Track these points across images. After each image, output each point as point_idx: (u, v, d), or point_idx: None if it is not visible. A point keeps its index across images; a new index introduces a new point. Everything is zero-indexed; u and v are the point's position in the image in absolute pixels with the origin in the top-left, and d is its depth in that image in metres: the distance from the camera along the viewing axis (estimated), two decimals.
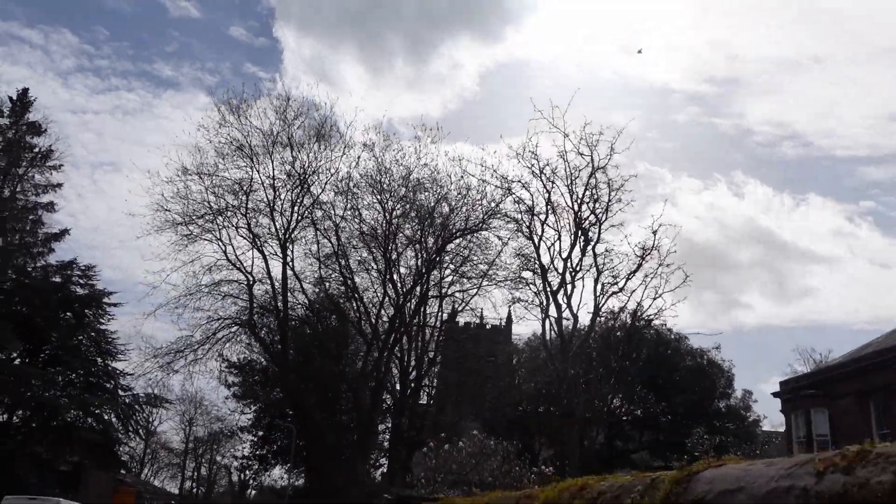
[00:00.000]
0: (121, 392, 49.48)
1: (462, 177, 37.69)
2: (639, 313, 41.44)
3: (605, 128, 38.23)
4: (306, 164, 36.89)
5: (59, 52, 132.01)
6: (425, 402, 48.75)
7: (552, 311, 38.60)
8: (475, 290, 39.53)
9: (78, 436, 46.25)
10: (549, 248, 39.49)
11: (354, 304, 38.77)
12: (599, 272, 39.29)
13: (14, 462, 43.92)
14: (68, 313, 47.77)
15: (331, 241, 37.36)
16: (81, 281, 47.70)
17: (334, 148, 37.73)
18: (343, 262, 37.33)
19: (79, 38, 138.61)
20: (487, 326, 52.15)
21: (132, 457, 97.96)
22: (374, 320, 38.23)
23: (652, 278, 38.61)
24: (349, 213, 37.44)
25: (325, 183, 37.39)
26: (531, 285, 40.18)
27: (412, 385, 45.54)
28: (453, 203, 37.48)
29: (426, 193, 37.57)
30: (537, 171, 38.40)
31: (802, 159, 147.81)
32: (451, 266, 39.04)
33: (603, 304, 39.80)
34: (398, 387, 45.31)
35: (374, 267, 38.51)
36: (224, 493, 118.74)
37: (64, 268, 46.02)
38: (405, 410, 42.31)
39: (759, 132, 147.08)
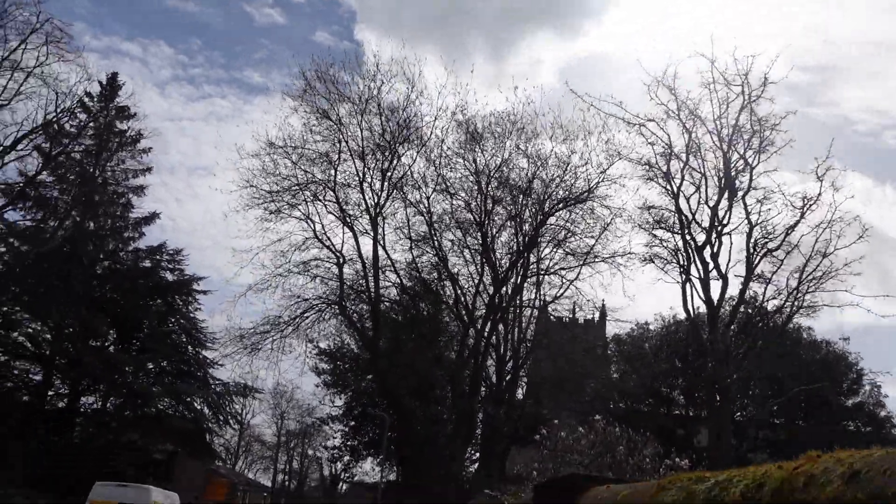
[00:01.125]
0: (211, 381, 48.64)
1: (566, 139, 34.04)
2: (803, 280, 33.55)
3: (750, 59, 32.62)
4: (396, 133, 34.36)
5: (157, 63, 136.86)
6: (521, 396, 45.91)
7: (694, 271, 33.58)
8: (579, 267, 35.83)
9: (170, 424, 45.59)
10: (687, 199, 34.15)
11: (449, 286, 36.23)
12: (752, 226, 33.61)
13: (109, 450, 43.55)
14: (158, 300, 47.14)
15: (424, 216, 34.92)
16: (170, 266, 46.99)
17: (423, 117, 34.73)
18: (436, 241, 34.80)
19: (174, 50, 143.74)
20: (580, 321, 48.82)
21: (227, 449, 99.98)
22: (470, 303, 35.49)
23: (823, 230, 31.88)
24: (440, 185, 34.69)
25: (416, 153, 34.78)
26: (663, 242, 35.12)
27: (509, 375, 42.72)
28: (553, 172, 34.13)
29: (524, 161, 34.42)
30: (674, 110, 33.31)
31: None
32: (553, 241, 35.57)
33: (757, 264, 33.61)
34: (494, 377, 42.60)
35: (469, 246, 35.90)
36: (316, 487, 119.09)
37: (153, 252, 45.33)
38: (502, 402, 39.54)
39: (858, 121, 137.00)
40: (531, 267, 36.06)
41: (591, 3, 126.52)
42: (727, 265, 33.98)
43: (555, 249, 35.79)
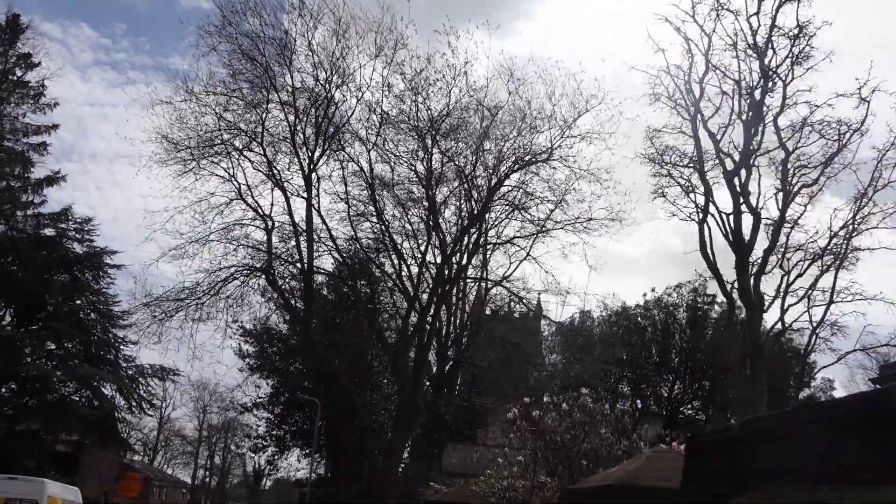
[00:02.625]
0: (123, 363, 44.05)
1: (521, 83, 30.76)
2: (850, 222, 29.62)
3: None
4: (330, 76, 30.06)
5: (78, 45, 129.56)
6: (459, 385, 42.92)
7: (712, 209, 29.84)
8: (534, 236, 32.34)
9: (75, 412, 40.93)
10: (705, 122, 29.94)
11: (392, 258, 32.65)
12: (788, 153, 29.49)
13: (3, 440, 38.76)
14: (64, 274, 42.29)
15: (364, 175, 31.06)
16: (78, 236, 42.18)
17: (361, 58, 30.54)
18: (378, 205, 31.02)
19: (97, 33, 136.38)
20: (515, 315, 46.22)
21: (145, 443, 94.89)
22: (414, 278, 31.94)
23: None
24: (381, 139, 30.80)
25: (355, 102, 30.74)
26: (672, 174, 31.53)
27: (450, 361, 39.66)
28: (508, 129, 30.50)
29: (475, 118, 30.70)
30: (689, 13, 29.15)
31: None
32: (509, 206, 31.94)
33: (792, 199, 29.61)
34: (434, 363, 39.41)
35: (411, 211, 32.42)
36: (239, 484, 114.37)
37: (58, 218, 40.46)
38: (444, 389, 36.50)
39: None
40: (484, 237, 32.65)
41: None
42: (757, 200, 29.90)
43: (508, 218, 32.43)
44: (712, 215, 30.82)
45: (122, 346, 43.96)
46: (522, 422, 16.71)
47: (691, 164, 31.53)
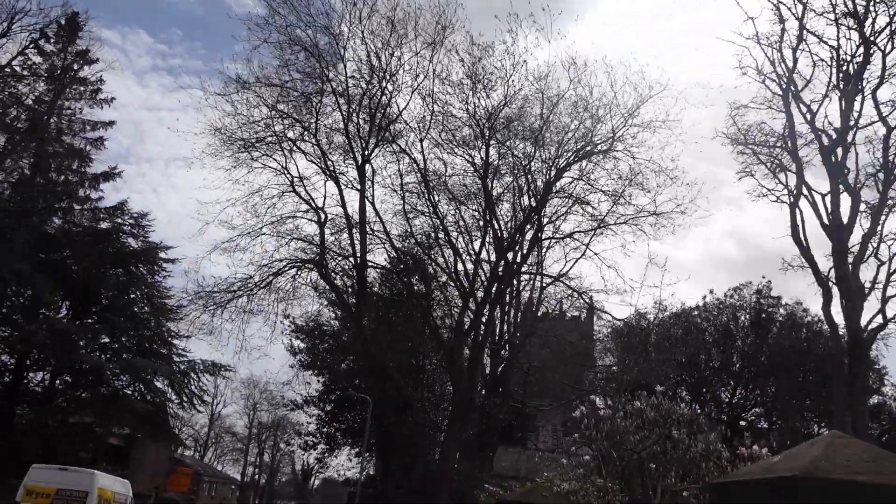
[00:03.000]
0: (175, 357, 44.13)
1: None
2: None
3: None
4: (386, 63, 28.96)
5: (135, 51, 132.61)
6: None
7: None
8: (593, 231, 31.02)
9: (127, 405, 41.13)
10: (796, 94, 27.60)
11: (447, 253, 31.67)
12: (890, 129, 27.30)
13: (57, 432, 39.07)
14: (119, 268, 42.52)
15: (417, 167, 30.11)
16: (133, 231, 42.38)
17: (418, 44, 29.09)
18: (432, 197, 30.09)
19: (154, 39, 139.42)
20: (568, 316, 44.98)
21: (196, 440, 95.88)
22: (470, 273, 30.91)
23: None
24: (439, 127, 29.81)
25: (411, 91, 29.77)
26: (759, 156, 29.59)
27: (503, 362, 38.63)
28: (568, 121, 29.31)
29: (537, 107, 29.51)
30: None
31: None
32: (569, 199, 30.62)
33: (895, 179, 27.27)
34: (488, 362, 38.47)
35: (466, 205, 31.45)
36: (287, 482, 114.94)
37: (113, 213, 40.62)
38: (497, 389, 35.52)
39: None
40: (541, 232, 31.33)
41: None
42: (855, 180, 27.60)
43: (567, 212, 31.11)
44: (805, 196, 28.65)
45: (174, 341, 44.14)
46: (590, 419, 15.58)
47: (780, 143, 29.66)
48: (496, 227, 31.10)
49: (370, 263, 30.94)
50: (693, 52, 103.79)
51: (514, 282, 36.08)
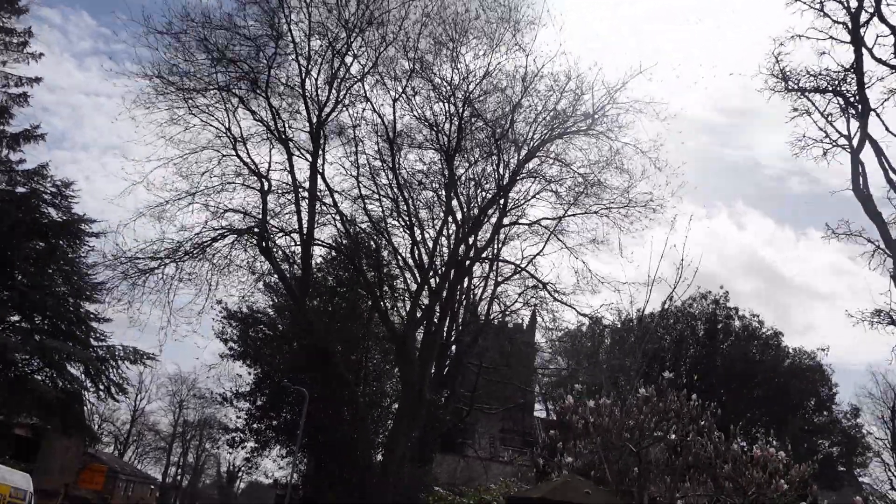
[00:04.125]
0: (94, 342, 40.35)
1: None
2: None
3: None
4: (360, 17, 25.62)
5: (77, 33, 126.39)
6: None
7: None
8: (565, 214, 28.75)
9: (35, 391, 37.22)
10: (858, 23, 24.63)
11: (403, 233, 28.87)
12: None
13: None
14: (37, 240, 38.69)
15: (384, 128, 27.20)
16: (56, 201, 38.62)
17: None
18: (395, 161, 27.11)
19: (97, 22, 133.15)
20: (509, 325, 42.99)
21: (116, 437, 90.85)
22: (427, 256, 28.20)
23: None
24: (406, 93, 27.04)
25: (377, 49, 26.98)
26: (809, 96, 26.05)
27: (448, 361, 36.09)
28: (542, 100, 26.95)
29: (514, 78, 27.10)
30: None
31: (808, 196, 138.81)
32: (539, 179, 28.25)
33: None
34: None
35: (429, 180, 28.83)
36: (211, 485, 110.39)
37: (32, 176, 36.87)
38: (446, 386, 33.01)
39: (767, 165, 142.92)
40: (507, 214, 28.87)
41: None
42: None
43: (537, 197, 28.79)
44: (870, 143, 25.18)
45: (94, 324, 40.44)
46: (575, 417, 13.22)
47: (835, 82, 26.08)
48: (459, 208, 28.69)
49: (317, 241, 28.14)
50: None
51: (467, 278, 33.63)
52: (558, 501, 6.32)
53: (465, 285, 34.34)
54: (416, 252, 28.27)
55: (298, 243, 27.52)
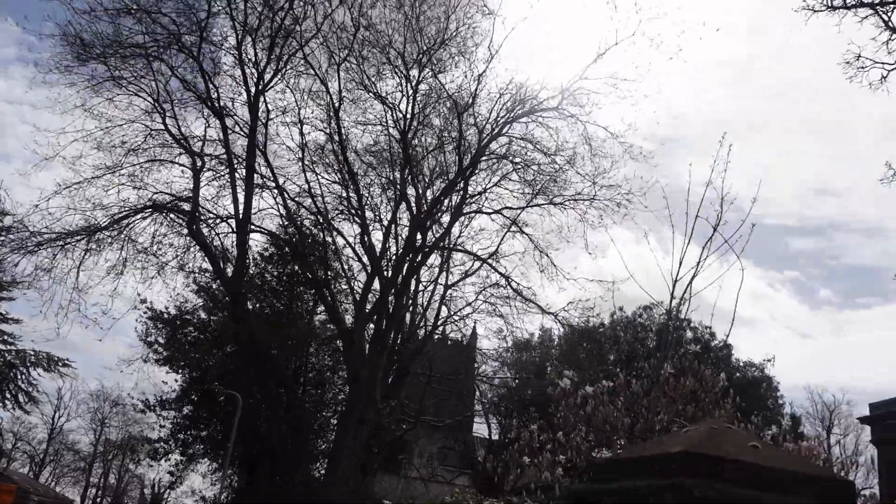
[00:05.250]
0: (0, 345, 36.50)
1: None
2: None
3: None
4: None
5: (1, 38, 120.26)
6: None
7: None
8: (530, 202, 26.62)
9: None
10: None
11: (351, 222, 26.32)
12: None
13: None
14: None
15: (328, 96, 24.66)
16: None
17: None
18: (340, 128, 24.54)
19: (22, 30, 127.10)
20: (448, 342, 41.04)
21: (32, 456, 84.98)
22: (379, 247, 25.73)
23: None
24: (353, 57, 24.48)
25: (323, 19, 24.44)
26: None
27: (394, 368, 33.45)
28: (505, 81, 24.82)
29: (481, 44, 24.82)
30: None
31: (735, 223, 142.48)
32: (505, 160, 26.13)
33: None
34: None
35: (381, 170, 26.43)
36: None
37: None
38: (392, 395, 30.46)
39: (694, 193, 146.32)
40: (468, 203, 26.54)
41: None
42: None
43: (502, 181, 26.63)
44: None
45: (0, 325, 36.60)
46: (569, 401, 11.15)
47: None
48: (415, 191, 26.30)
49: (255, 228, 25.36)
50: None
51: (414, 280, 31.19)
52: (712, 456, 4.01)
53: (414, 288, 31.98)
54: (367, 238, 25.82)
55: (234, 229, 24.74)
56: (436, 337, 34.99)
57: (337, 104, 24.76)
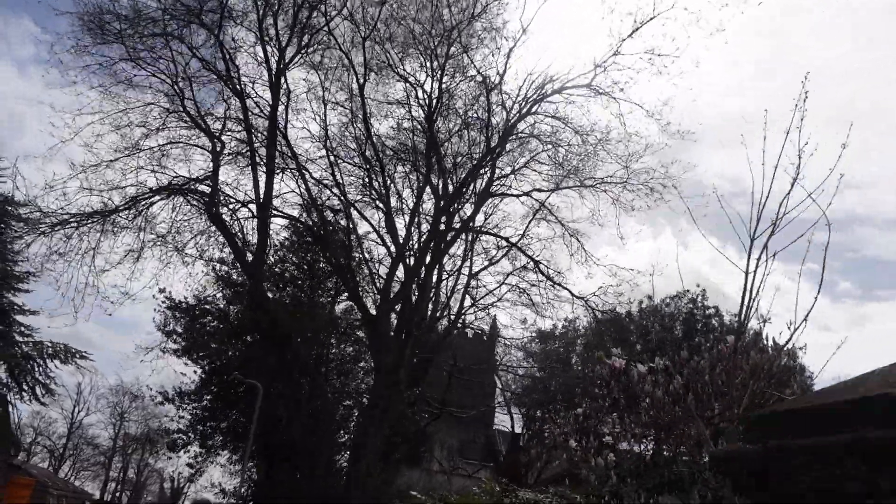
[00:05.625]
0: (18, 337, 36.09)
1: None
2: None
3: None
4: None
5: (18, 38, 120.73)
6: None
7: None
8: (558, 186, 25.69)
9: None
10: None
11: (378, 201, 25.36)
12: None
13: None
14: None
15: (352, 73, 23.88)
16: None
17: None
18: (365, 110, 23.77)
19: (41, 29, 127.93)
20: (469, 335, 40.21)
21: (52, 451, 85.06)
22: (404, 232, 24.91)
23: None
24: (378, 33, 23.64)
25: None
26: None
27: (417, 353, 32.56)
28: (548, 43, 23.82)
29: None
30: None
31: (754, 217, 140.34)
32: (534, 140, 25.19)
33: None
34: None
35: (406, 154, 25.59)
36: (153, 502, 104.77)
37: None
38: (416, 384, 29.64)
39: (710, 186, 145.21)
40: (495, 185, 25.66)
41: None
42: None
43: (531, 162, 25.68)
44: None
45: (18, 317, 36.17)
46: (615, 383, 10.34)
47: None
48: (440, 177, 25.35)
49: (277, 212, 24.58)
50: None
51: (437, 268, 30.30)
52: None
53: (437, 277, 31.13)
54: (391, 223, 24.96)
55: (254, 214, 23.97)
56: (457, 329, 34.22)
57: (362, 80, 23.92)
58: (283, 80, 23.50)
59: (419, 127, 25.31)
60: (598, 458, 11.06)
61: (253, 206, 24.16)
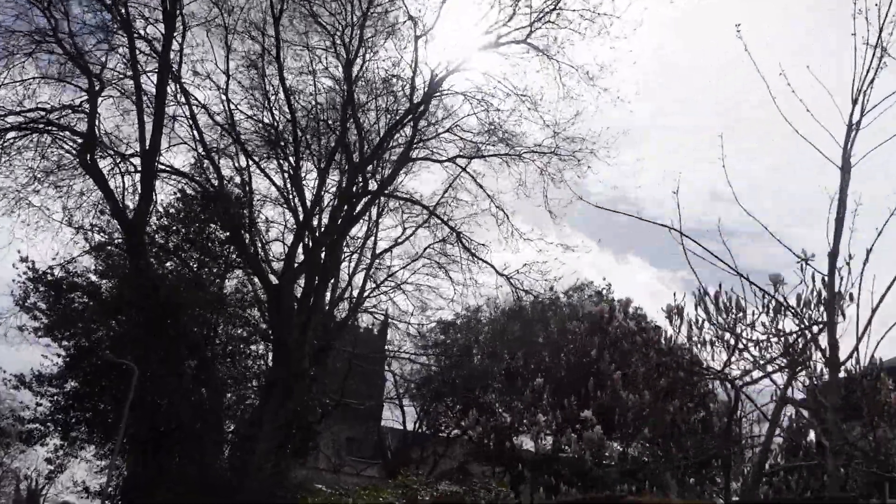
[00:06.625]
0: None
1: None
2: None
3: None
4: None
5: None
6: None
7: None
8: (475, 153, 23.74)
9: None
10: None
11: (281, 153, 22.61)
12: None
13: None
14: None
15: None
16: None
17: None
18: (276, 70, 20.98)
19: None
20: (360, 329, 38.65)
21: None
22: (313, 190, 22.29)
23: None
24: None
25: None
26: None
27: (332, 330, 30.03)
28: None
29: None
30: None
31: (634, 223, 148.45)
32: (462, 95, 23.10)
33: None
34: None
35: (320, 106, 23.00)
36: None
37: None
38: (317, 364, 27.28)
39: (595, 193, 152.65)
40: (416, 147, 23.37)
41: None
42: None
43: (453, 126, 23.62)
44: None
45: None
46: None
47: None
48: (357, 133, 22.96)
49: (163, 167, 21.50)
50: None
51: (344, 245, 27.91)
52: None
53: (340, 253, 28.68)
54: (298, 180, 22.38)
55: (138, 169, 20.84)
56: (358, 312, 32.19)
57: (278, 12, 21.20)
58: (178, 9, 20.53)
59: (335, 79, 22.87)
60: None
61: (137, 160, 21.05)
